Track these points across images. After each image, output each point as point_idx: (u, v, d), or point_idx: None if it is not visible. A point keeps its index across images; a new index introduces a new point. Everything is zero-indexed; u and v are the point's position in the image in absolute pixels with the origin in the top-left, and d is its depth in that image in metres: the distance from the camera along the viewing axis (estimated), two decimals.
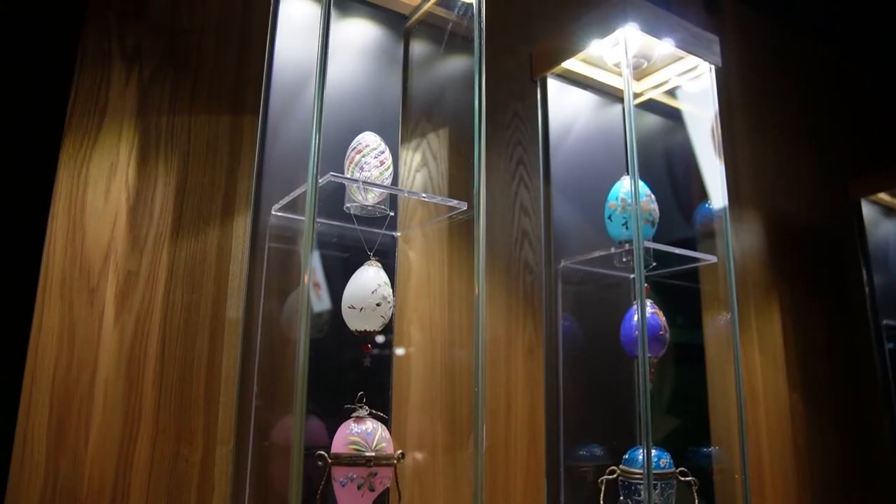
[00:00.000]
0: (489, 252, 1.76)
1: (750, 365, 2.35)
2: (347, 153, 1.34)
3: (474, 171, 1.34)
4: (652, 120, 2.00)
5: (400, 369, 1.57)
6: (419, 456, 1.57)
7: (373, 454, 1.20)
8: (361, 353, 1.32)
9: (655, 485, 1.49)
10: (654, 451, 1.51)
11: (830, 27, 3.06)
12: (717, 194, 1.76)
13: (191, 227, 1.40)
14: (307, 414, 1.08)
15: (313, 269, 1.20)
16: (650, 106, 1.97)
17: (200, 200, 1.42)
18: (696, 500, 1.56)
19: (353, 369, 1.37)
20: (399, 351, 1.58)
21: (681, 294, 1.87)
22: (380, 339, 1.46)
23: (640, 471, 1.53)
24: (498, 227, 1.83)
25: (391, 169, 1.35)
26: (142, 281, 1.33)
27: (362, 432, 1.22)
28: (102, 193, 1.32)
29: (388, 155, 1.35)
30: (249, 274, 1.36)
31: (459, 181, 1.75)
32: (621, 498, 1.58)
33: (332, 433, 1.26)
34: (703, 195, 1.81)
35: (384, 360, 1.49)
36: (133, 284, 1.32)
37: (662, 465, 1.53)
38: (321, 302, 1.38)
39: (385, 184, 1.33)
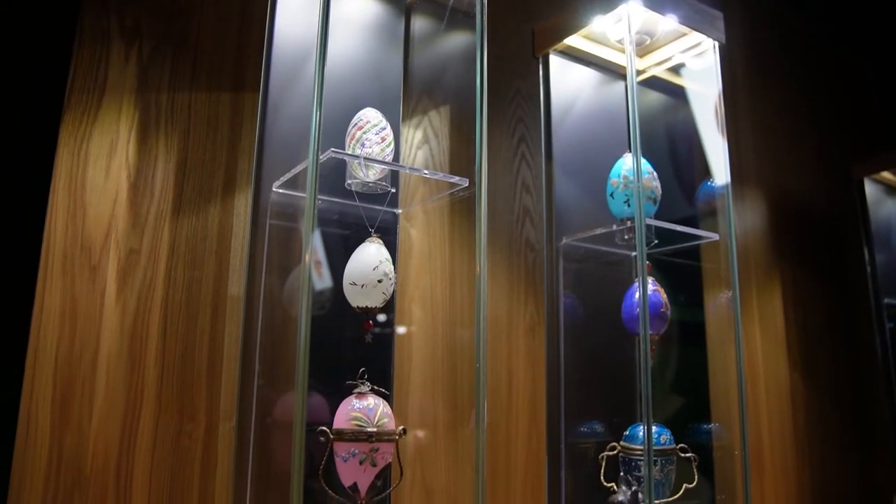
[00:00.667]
0: (490, 229, 1.76)
1: (751, 343, 2.35)
2: (349, 129, 1.33)
3: (476, 148, 1.34)
4: (654, 97, 1.99)
5: (401, 346, 1.57)
6: (420, 432, 1.58)
7: (374, 430, 1.21)
8: (363, 330, 1.32)
9: (656, 461, 1.50)
10: (654, 428, 1.52)
11: (834, 6, 3.03)
12: (720, 172, 1.75)
13: (192, 205, 1.40)
14: (309, 390, 1.09)
15: (314, 246, 1.19)
16: (653, 83, 1.95)
17: (201, 178, 1.42)
18: (696, 476, 1.57)
19: (354, 346, 1.38)
20: (400, 328, 1.58)
21: (682, 272, 1.87)
22: (381, 317, 1.46)
23: (641, 447, 1.54)
24: (499, 205, 1.83)
25: (392, 145, 1.34)
26: (143, 258, 1.33)
27: (364, 408, 1.23)
28: (103, 171, 1.32)
29: (389, 131, 1.34)
30: (251, 251, 1.36)
31: (461, 158, 1.74)
32: (622, 474, 1.59)
33: (333, 409, 1.26)
34: (706, 173, 1.80)
35: (386, 336, 1.49)
36: (134, 262, 1.32)
37: (663, 442, 1.54)
38: (322, 279, 1.38)
39: (386, 160, 1.32)
